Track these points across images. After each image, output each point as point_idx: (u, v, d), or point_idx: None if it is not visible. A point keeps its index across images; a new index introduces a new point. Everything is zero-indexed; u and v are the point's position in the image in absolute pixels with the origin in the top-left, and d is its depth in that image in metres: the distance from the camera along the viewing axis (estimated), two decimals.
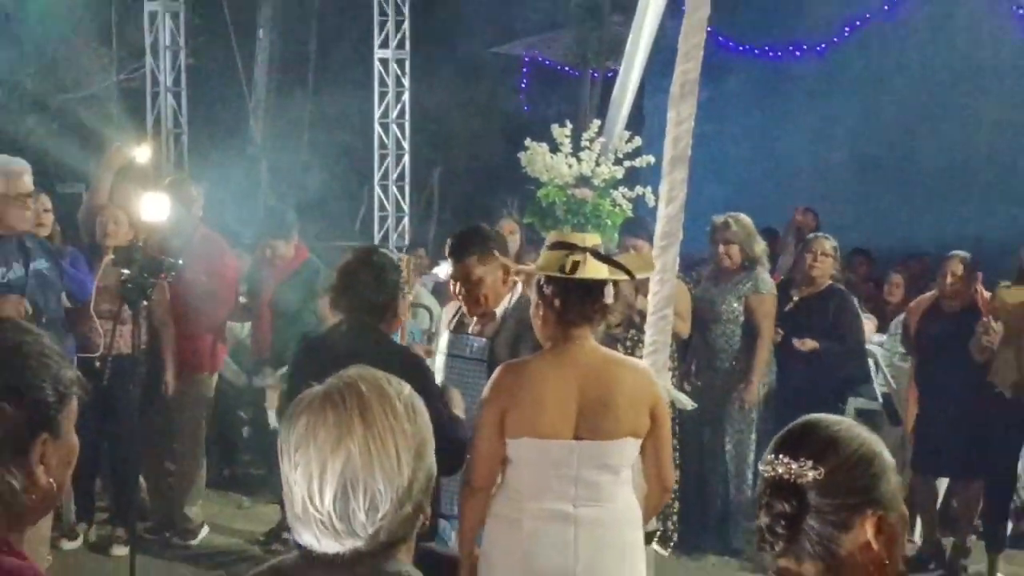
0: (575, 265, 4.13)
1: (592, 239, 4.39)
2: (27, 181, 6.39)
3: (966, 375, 7.49)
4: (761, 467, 2.30)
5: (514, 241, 8.06)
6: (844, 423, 2.32)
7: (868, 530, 2.22)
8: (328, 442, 2.01)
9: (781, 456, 2.26)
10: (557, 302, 4.18)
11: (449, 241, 5.56)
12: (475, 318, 5.29)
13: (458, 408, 4.97)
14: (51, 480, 2.03)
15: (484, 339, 5.24)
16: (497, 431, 4.12)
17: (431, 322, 8.50)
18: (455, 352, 5.63)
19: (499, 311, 5.24)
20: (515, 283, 5.35)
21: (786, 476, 2.24)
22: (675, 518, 7.75)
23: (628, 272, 4.36)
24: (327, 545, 2.04)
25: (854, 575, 2.25)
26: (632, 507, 4.21)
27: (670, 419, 4.40)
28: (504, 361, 4.80)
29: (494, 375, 4.35)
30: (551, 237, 4.46)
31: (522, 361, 4.40)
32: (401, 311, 4.97)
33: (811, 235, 8.66)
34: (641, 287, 6.85)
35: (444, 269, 7.66)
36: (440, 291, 9.05)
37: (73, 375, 2.08)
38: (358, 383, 2.08)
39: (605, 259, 4.26)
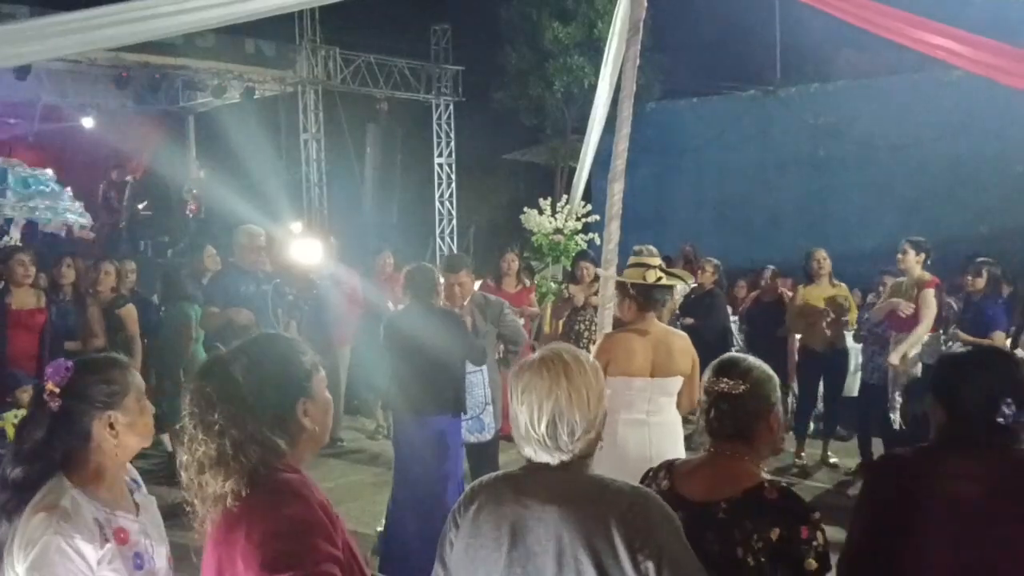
0: (654, 277, 4.02)
1: (657, 260, 4.17)
2: (262, 240, 6.26)
3: (774, 337, 7.56)
4: (706, 384, 2.26)
5: (515, 264, 8.08)
6: (751, 359, 2.29)
7: (770, 419, 2.24)
8: (544, 390, 1.87)
9: (721, 378, 2.24)
10: (641, 298, 4.03)
11: (445, 262, 5.65)
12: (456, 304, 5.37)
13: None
14: (315, 426, 1.88)
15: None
16: (604, 374, 4.04)
17: None
18: None
19: (465, 302, 5.35)
20: (472, 287, 5.50)
21: (726, 389, 2.21)
22: None
23: (685, 281, 4.32)
24: (542, 456, 1.91)
25: (759, 445, 2.26)
26: (676, 416, 4.06)
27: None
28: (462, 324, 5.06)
29: (602, 340, 4.14)
30: (631, 261, 4.21)
31: (619, 331, 4.17)
32: (440, 292, 5.10)
33: (703, 259, 8.66)
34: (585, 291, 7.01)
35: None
36: None
37: (315, 357, 1.92)
38: (562, 353, 1.93)
39: (668, 272, 4.12)
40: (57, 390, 2.03)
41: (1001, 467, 2.21)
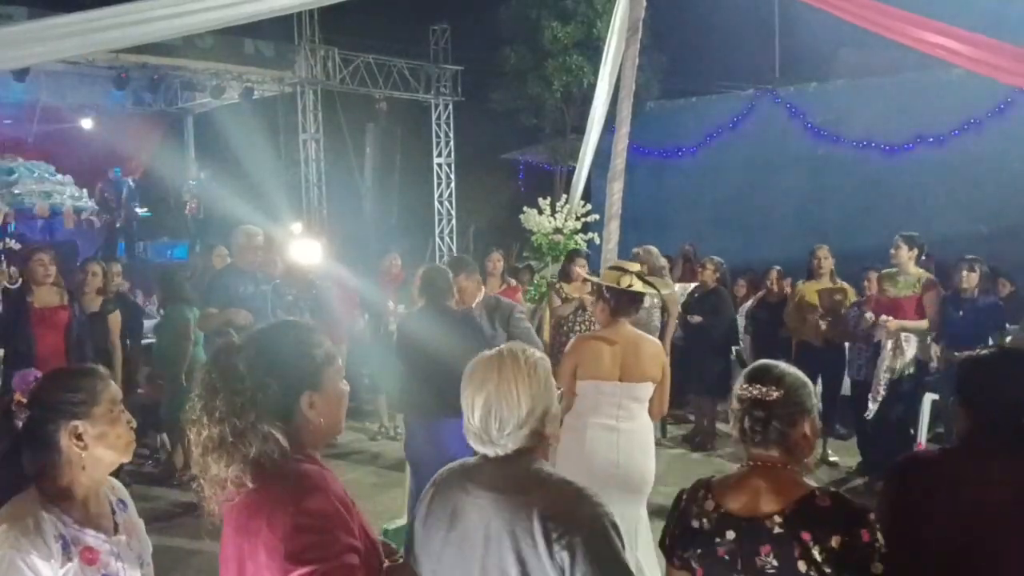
0: (627, 282, 4.05)
1: (635, 266, 4.23)
2: (259, 240, 6.19)
3: (779, 337, 7.59)
4: (739, 391, 2.19)
5: (499, 264, 8.04)
6: (784, 365, 2.23)
7: (806, 426, 2.17)
8: (477, 383, 1.97)
9: (754, 384, 2.17)
10: (613, 302, 4.07)
11: (447, 264, 5.59)
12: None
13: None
14: (321, 419, 1.87)
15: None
16: (572, 376, 4.00)
17: None
18: None
19: (474, 304, 5.32)
20: (481, 288, 5.46)
21: (759, 396, 2.15)
22: None
23: (657, 290, 4.35)
24: (479, 448, 1.99)
25: (798, 453, 2.18)
26: (648, 423, 4.10)
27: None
28: (480, 327, 5.03)
29: (571, 343, 4.21)
30: (611, 264, 4.36)
31: (588, 334, 4.25)
32: (454, 294, 5.05)
33: (705, 257, 8.57)
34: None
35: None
36: None
37: (330, 348, 1.92)
38: (504, 350, 2.02)
39: (644, 280, 4.15)
40: (24, 400, 2.01)
41: None
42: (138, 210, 15.01)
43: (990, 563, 2.12)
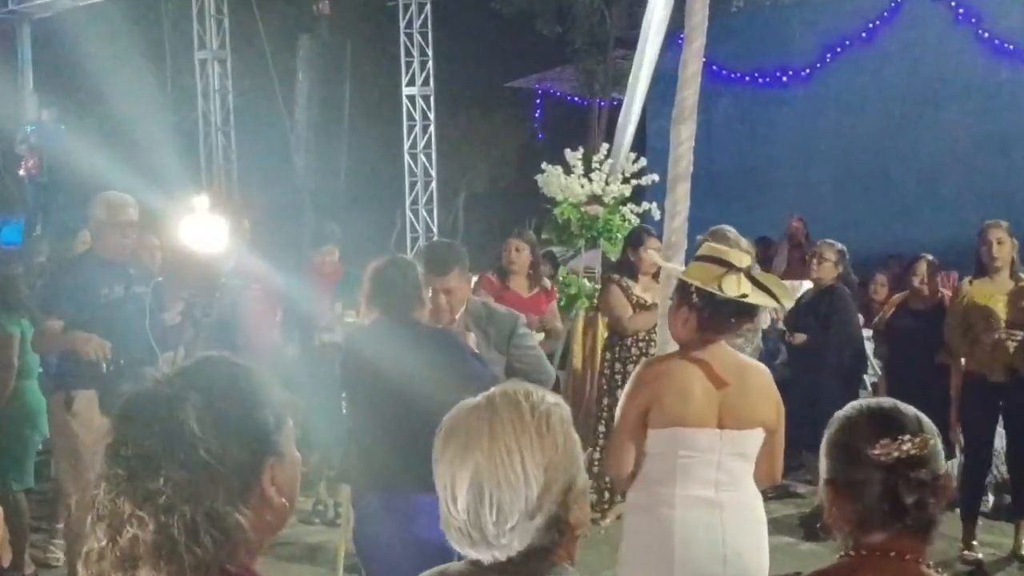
0: (735, 288, 3.91)
1: (746, 259, 4.10)
2: (130, 212, 6.20)
3: (930, 365, 7.59)
4: (876, 452, 2.18)
5: (523, 258, 7.97)
6: (898, 403, 2.27)
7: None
8: (457, 451, 1.92)
9: (901, 436, 2.17)
10: (707, 313, 3.96)
11: (426, 257, 5.45)
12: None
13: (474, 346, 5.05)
14: (283, 499, 1.89)
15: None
16: (642, 424, 3.95)
17: None
18: None
19: (456, 315, 5.25)
20: (470, 290, 5.44)
21: (915, 452, 2.16)
22: None
23: (777, 300, 4.26)
24: (470, 552, 1.95)
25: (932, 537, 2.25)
26: (757, 492, 4.08)
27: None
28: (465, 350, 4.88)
29: (636, 372, 4.19)
30: (705, 249, 4.20)
31: (661, 358, 4.25)
32: (426, 299, 4.95)
33: (821, 242, 8.51)
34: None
35: None
36: None
37: (284, 397, 1.95)
38: (494, 397, 1.99)
39: (757, 283, 4.01)
40: None
41: None
42: None
43: None
